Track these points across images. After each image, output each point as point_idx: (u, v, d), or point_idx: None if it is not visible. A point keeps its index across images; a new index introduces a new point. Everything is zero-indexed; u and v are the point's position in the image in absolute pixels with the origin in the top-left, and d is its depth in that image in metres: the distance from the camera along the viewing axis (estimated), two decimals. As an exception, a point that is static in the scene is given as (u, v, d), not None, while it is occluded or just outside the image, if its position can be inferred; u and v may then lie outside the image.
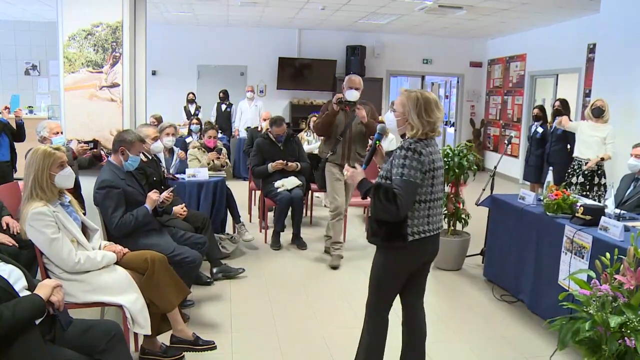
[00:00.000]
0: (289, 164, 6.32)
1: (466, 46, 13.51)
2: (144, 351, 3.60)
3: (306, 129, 8.03)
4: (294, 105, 12.96)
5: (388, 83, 13.45)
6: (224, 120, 11.43)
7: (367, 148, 3.08)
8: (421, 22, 11.15)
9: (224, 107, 11.65)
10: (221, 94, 11.69)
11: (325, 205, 8.43)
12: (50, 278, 3.15)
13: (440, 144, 6.82)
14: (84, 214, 3.93)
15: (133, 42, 5.41)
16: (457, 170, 5.53)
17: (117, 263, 3.49)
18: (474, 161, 5.62)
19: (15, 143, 5.91)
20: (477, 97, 13.94)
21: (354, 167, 3.05)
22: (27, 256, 3.74)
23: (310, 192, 7.19)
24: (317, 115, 8.26)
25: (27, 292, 2.57)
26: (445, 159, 5.54)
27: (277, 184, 6.19)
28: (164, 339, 3.66)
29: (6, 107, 5.88)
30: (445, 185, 5.86)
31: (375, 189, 2.82)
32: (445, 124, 14.38)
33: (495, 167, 6.00)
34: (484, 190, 5.67)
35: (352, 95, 5.58)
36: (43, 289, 2.55)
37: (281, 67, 12.73)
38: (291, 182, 6.21)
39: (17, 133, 5.91)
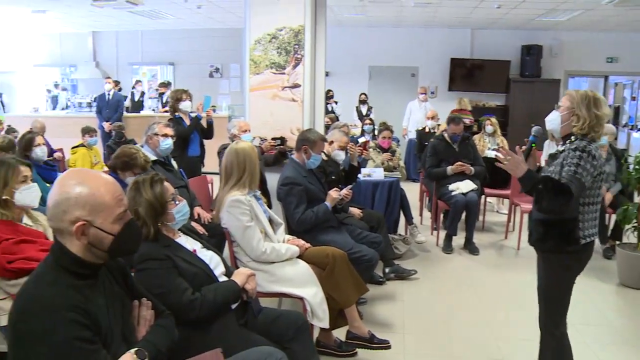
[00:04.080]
0: (465, 166, 6.15)
1: (659, 42, 12.23)
2: (319, 344, 3.69)
3: (482, 132, 7.76)
4: (465, 107, 12.62)
5: (566, 84, 12.59)
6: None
7: (522, 149, 2.99)
8: (606, 17, 10.29)
9: (330, 107, 11.74)
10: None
11: (497, 211, 8.14)
12: (238, 267, 3.35)
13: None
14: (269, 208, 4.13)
15: (313, 45, 5.59)
16: (652, 179, 5.08)
17: (299, 257, 3.62)
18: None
19: (203, 140, 6.34)
20: (669, 99, 12.65)
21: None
22: (215, 244, 3.98)
23: (483, 196, 6.96)
24: (490, 118, 7.98)
25: (225, 278, 2.75)
26: (638, 167, 5.13)
27: (452, 186, 6.05)
28: (338, 334, 3.73)
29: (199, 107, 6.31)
30: (638, 194, 5.44)
31: (546, 180, 2.74)
32: (631, 128, 13.23)
33: (697, 177, 5.40)
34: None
35: None
36: (239, 276, 2.72)
37: (453, 68, 12.49)
38: (467, 185, 6.05)
39: (207, 131, 6.33)
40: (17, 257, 2.91)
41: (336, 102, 11.64)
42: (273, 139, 5.34)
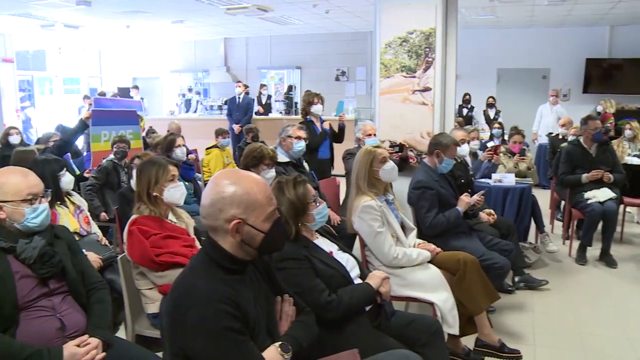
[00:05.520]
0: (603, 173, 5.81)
1: None
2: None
3: (621, 137, 7.31)
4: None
5: None
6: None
7: None
8: None
9: (464, 111, 11.49)
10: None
11: (637, 222, 7.64)
12: (369, 269, 3.39)
13: None
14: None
15: (444, 48, 5.53)
16: None
17: (430, 261, 3.60)
18: None
19: (333, 143, 6.43)
20: None
21: None
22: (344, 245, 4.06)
23: (622, 205, 6.54)
24: (631, 121, 7.52)
25: (359, 280, 2.80)
26: None
27: (588, 194, 5.74)
28: (466, 342, 3.66)
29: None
30: None
31: None
32: None
33: None
34: None
35: None
36: (374, 279, 2.76)
37: (588, 69, 11.82)
38: (604, 193, 5.70)
39: (338, 135, 6.42)
40: (163, 251, 3.13)
41: (473, 108, 11.51)
42: (391, 146, 5.32)
